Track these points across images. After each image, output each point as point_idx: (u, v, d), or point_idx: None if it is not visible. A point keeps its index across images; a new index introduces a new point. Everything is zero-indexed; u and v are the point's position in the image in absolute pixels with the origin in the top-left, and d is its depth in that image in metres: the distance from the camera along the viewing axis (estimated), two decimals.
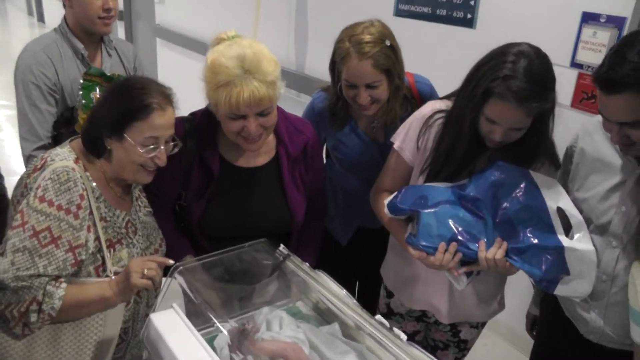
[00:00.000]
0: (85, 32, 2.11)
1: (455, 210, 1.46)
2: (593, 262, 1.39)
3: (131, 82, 1.50)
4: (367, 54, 1.68)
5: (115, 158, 1.44)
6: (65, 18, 2.13)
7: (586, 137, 1.51)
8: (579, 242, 1.39)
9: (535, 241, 1.39)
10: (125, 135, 1.40)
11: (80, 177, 1.39)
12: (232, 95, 1.44)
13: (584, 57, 2.31)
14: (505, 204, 1.43)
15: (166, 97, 1.44)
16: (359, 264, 2.19)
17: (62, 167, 1.37)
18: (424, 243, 1.44)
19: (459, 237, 1.43)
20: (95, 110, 1.48)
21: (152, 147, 1.42)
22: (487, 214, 1.44)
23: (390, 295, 1.85)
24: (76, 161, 1.42)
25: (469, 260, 1.44)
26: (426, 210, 1.45)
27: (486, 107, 1.39)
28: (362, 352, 1.40)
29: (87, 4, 2.03)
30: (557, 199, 1.42)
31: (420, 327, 1.85)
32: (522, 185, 1.43)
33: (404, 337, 1.27)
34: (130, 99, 1.40)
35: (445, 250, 1.42)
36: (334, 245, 2.10)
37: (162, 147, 1.44)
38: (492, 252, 1.40)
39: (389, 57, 1.73)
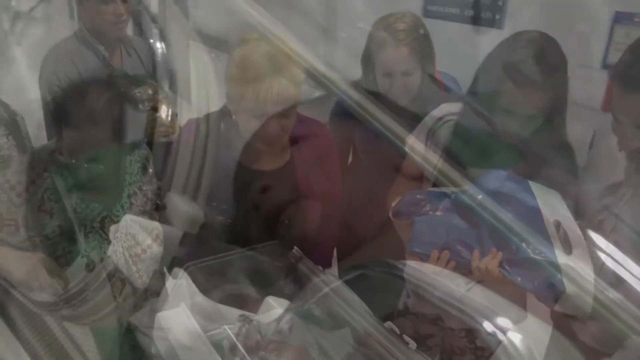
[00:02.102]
0: (101, 35, 2.16)
1: (449, 217, 1.43)
2: (589, 281, 1.30)
3: (80, 86, 1.53)
4: (403, 41, 1.73)
5: None
6: (83, 22, 2.18)
7: (606, 133, 1.47)
8: (576, 259, 1.32)
9: (530, 254, 1.33)
10: None
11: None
12: (259, 91, 1.42)
13: (616, 58, 2.22)
14: (501, 214, 1.38)
15: (91, 115, 1.43)
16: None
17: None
18: (416, 249, 1.43)
19: (451, 245, 1.40)
20: None
21: None
22: (482, 222, 1.40)
23: (409, 295, 1.84)
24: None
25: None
26: (420, 217, 1.43)
27: (501, 96, 1.36)
28: (371, 357, 1.38)
29: (98, 12, 2.09)
30: (555, 212, 1.37)
31: (434, 331, 1.82)
32: (519, 196, 1.38)
33: (413, 344, 1.25)
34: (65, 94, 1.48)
35: (438, 258, 1.40)
36: (355, 242, 2.08)
37: None
38: (485, 262, 1.37)
39: (423, 44, 1.77)
